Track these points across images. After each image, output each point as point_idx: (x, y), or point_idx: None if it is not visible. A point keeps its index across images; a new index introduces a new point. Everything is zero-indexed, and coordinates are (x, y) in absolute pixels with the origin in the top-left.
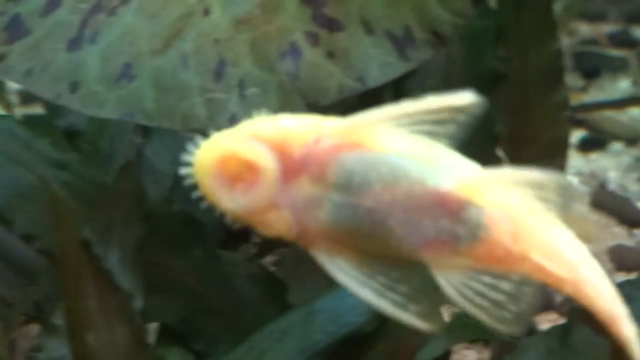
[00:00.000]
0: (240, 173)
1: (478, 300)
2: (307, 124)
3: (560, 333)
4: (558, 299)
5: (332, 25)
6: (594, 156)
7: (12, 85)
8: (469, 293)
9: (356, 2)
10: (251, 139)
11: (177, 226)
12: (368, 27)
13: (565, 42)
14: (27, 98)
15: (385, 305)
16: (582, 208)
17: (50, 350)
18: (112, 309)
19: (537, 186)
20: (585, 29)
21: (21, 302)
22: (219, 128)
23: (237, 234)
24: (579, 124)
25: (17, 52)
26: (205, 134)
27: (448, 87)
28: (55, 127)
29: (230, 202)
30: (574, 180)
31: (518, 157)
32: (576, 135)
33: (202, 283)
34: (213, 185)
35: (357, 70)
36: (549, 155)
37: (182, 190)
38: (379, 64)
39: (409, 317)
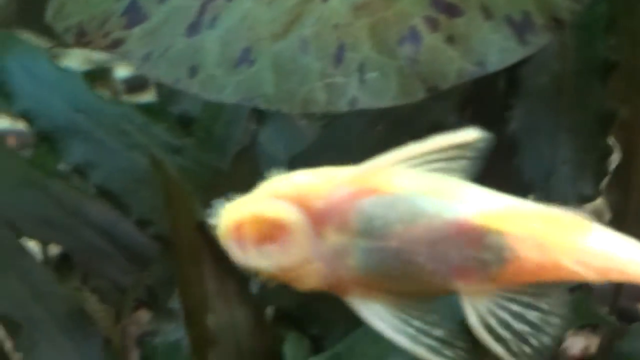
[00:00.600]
0: (269, 234)
1: (500, 331)
2: (322, 176)
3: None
4: None
5: (452, 11)
6: None
7: (119, 74)
8: (493, 322)
9: None
10: (272, 199)
11: None
12: (487, 12)
13: None
14: (133, 87)
15: (421, 351)
16: None
17: (166, 334)
18: (230, 291)
19: (553, 220)
20: None
21: (134, 288)
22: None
23: None
24: None
25: (135, 37)
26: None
27: (561, 76)
28: (169, 113)
29: (263, 262)
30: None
31: (629, 145)
32: None
33: None
34: (239, 249)
35: (477, 55)
36: None
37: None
38: (499, 48)
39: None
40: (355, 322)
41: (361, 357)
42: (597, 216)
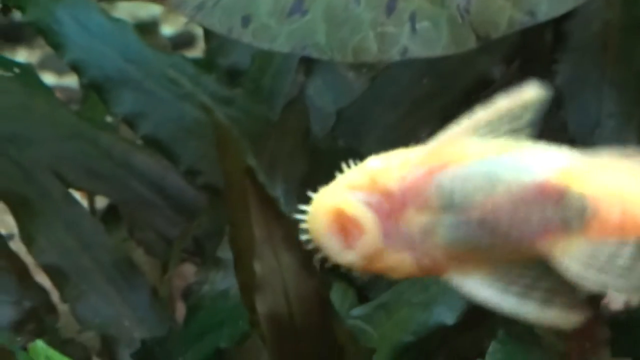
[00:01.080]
0: (348, 227)
1: (604, 273)
2: (396, 159)
3: None
4: None
5: None
6: None
7: (164, 31)
8: (593, 270)
9: None
10: (349, 191)
11: (342, 161)
12: None
13: None
14: (177, 44)
15: (532, 307)
16: None
17: (214, 283)
18: (277, 237)
19: (630, 174)
20: None
21: (181, 239)
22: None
23: None
24: None
25: None
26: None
27: (606, 31)
28: (218, 66)
29: (348, 256)
30: None
31: None
32: None
33: None
34: (328, 244)
35: (528, 4)
36: None
37: (346, 126)
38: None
39: (557, 313)
40: None
41: (407, 305)
42: None
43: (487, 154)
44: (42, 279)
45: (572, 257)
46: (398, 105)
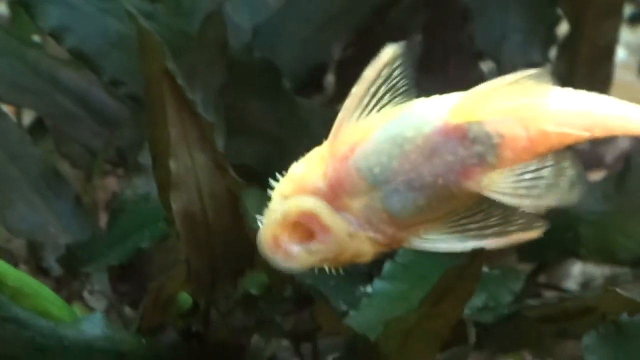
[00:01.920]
0: (305, 231)
1: (534, 191)
2: (313, 158)
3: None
4: (608, 158)
5: None
6: None
7: None
8: (523, 191)
9: None
10: (286, 201)
11: (257, 74)
12: None
13: None
14: None
15: (492, 241)
16: (630, 76)
17: (135, 188)
18: (192, 137)
19: (518, 93)
20: None
21: (104, 150)
22: None
23: (313, 83)
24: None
25: None
26: None
27: None
28: None
29: (313, 258)
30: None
31: (576, 16)
32: (627, 10)
33: (279, 127)
34: (285, 257)
35: None
36: (604, 16)
37: (262, 41)
38: None
39: (517, 236)
40: None
41: None
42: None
43: (384, 122)
44: None
45: (499, 188)
46: (312, 21)
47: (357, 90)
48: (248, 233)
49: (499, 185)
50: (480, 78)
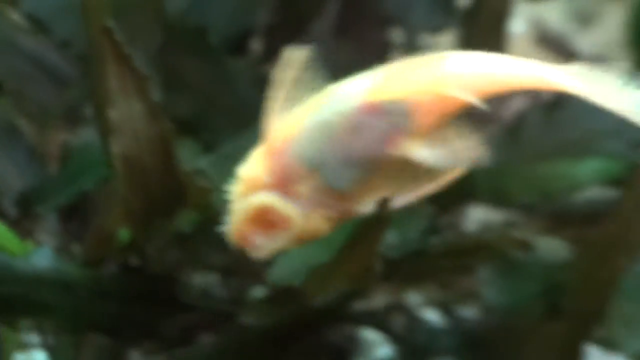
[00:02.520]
0: (267, 222)
1: (448, 152)
2: (256, 156)
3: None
4: (505, 115)
5: None
6: (539, 4)
7: None
8: (439, 152)
9: None
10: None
11: (190, 36)
12: None
13: None
14: None
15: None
16: (526, 44)
17: (82, 137)
18: (130, 88)
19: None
20: None
21: (56, 105)
22: None
23: (241, 45)
24: None
25: None
26: None
27: None
28: None
29: (277, 243)
30: None
31: None
32: None
33: (211, 84)
34: (256, 246)
35: None
36: None
37: (195, 7)
38: None
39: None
40: (240, 130)
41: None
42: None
43: (309, 112)
44: None
45: (419, 152)
46: None
47: (273, 93)
48: (180, 175)
49: (418, 149)
50: (389, 42)
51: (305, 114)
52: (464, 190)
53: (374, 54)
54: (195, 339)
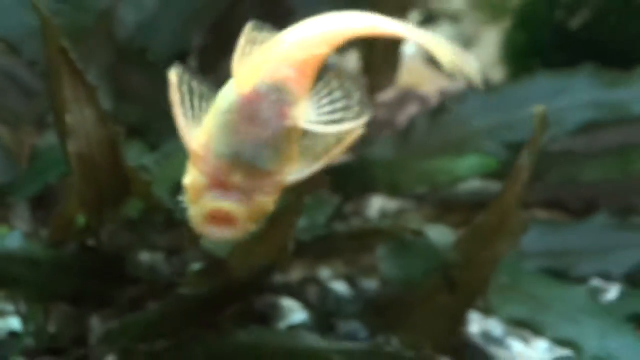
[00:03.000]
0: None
1: (334, 116)
2: (189, 169)
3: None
4: (400, 120)
5: None
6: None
7: None
8: (326, 117)
9: None
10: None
11: (138, 55)
12: None
13: None
14: None
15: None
16: (417, 64)
17: (46, 140)
18: (83, 98)
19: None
20: None
21: (26, 113)
22: None
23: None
24: (417, 7)
25: None
26: None
27: None
28: None
29: (238, 231)
30: None
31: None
32: (415, 15)
33: (154, 95)
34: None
35: None
36: (398, 13)
37: (142, 33)
38: None
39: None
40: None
41: (183, 154)
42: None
43: (211, 117)
44: None
45: (308, 119)
46: (178, 18)
47: (176, 111)
48: (126, 170)
49: (307, 116)
50: None
51: (209, 119)
52: (365, 182)
53: None
54: (144, 307)
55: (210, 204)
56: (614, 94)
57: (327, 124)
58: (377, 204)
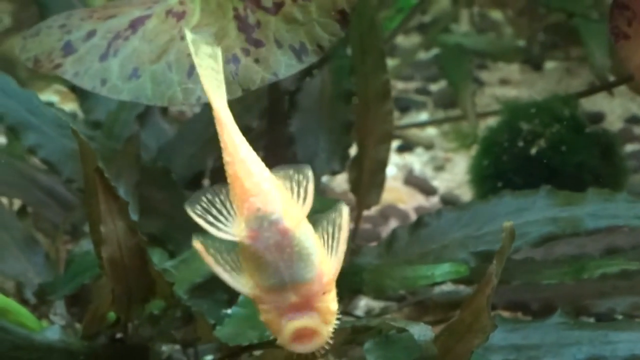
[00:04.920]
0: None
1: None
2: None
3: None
4: (383, 233)
5: (257, 43)
6: (406, 156)
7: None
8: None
9: (271, 28)
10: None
11: (159, 175)
12: (279, 43)
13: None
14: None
15: None
16: (397, 184)
17: (82, 247)
18: (114, 211)
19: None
20: (400, 85)
21: (63, 223)
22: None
23: (195, 182)
24: (397, 137)
25: (69, 62)
26: None
27: (322, 100)
28: (89, 120)
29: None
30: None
31: (362, 142)
32: (395, 143)
33: (174, 209)
34: None
35: (272, 69)
36: (380, 143)
37: (163, 155)
38: (285, 64)
39: None
40: None
41: (199, 260)
42: (343, 185)
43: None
44: None
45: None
46: (194, 143)
47: (217, 273)
48: (151, 273)
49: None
50: None
51: (243, 265)
52: (355, 285)
53: None
54: None
55: (288, 328)
56: (568, 211)
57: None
58: (363, 304)
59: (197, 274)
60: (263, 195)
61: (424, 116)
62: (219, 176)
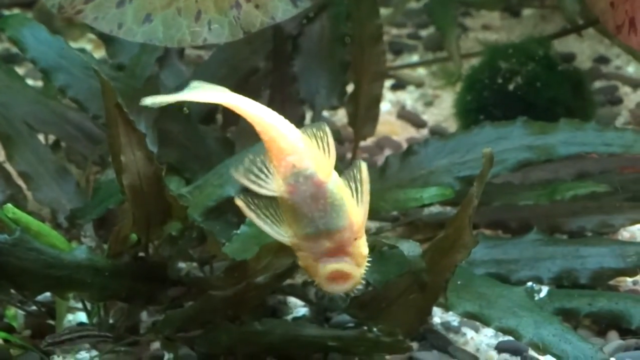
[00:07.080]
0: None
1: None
2: None
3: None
4: (379, 161)
5: None
6: (399, 93)
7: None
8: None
9: None
10: None
11: (177, 111)
12: None
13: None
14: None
15: None
16: (391, 118)
17: (107, 175)
18: (134, 142)
19: None
20: (394, 30)
21: (91, 155)
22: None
23: (209, 117)
24: (391, 77)
25: (89, 8)
26: None
27: (321, 42)
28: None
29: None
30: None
31: (357, 79)
32: (389, 82)
33: (189, 141)
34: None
35: (270, 13)
36: (374, 80)
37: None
38: (282, 10)
39: None
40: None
41: (211, 185)
42: (344, 120)
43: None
44: (19, 180)
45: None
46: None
47: (259, 225)
48: (168, 198)
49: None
50: (302, 116)
51: (283, 216)
52: None
53: (293, 123)
54: (182, 304)
55: (324, 271)
56: (542, 139)
57: None
58: None
59: (210, 198)
60: (297, 153)
61: (415, 58)
62: (230, 112)
